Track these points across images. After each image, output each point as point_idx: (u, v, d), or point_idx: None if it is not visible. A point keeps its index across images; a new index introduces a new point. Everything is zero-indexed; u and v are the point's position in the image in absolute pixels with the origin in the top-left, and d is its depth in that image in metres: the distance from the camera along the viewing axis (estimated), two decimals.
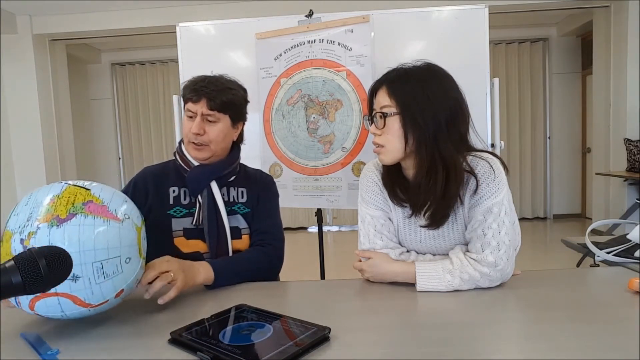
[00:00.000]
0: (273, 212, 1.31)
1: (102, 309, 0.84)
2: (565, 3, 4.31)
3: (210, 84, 1.19)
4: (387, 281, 1.04)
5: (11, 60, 4.44)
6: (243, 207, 1.26)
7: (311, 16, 2.20)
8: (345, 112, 2.13)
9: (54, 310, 0.78)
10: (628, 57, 4.20)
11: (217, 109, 1.19)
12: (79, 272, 0.76)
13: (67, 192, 0.82)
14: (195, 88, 1.19)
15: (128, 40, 5.17)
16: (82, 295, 0.78)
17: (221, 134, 1.21)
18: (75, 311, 0.79)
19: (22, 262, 0.73)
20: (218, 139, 1.21)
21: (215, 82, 1.21)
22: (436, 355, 0.68)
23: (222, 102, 1.19)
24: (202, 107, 1.18)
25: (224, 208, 1.22)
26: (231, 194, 1.26)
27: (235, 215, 1.25)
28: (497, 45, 5.53)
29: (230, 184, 1.27)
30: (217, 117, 1.20)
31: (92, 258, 0.77)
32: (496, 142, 2.31)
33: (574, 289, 1.00)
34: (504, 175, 1.01)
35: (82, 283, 0.77)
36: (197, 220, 1.20)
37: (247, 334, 0.76)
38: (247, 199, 1.27)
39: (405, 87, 0.99)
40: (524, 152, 5.70)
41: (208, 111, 1.18)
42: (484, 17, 2.20)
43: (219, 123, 1.21)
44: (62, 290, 0.76)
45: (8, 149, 4.50)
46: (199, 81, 1.20)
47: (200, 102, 1.18)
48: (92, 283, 0.78)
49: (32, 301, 0.77)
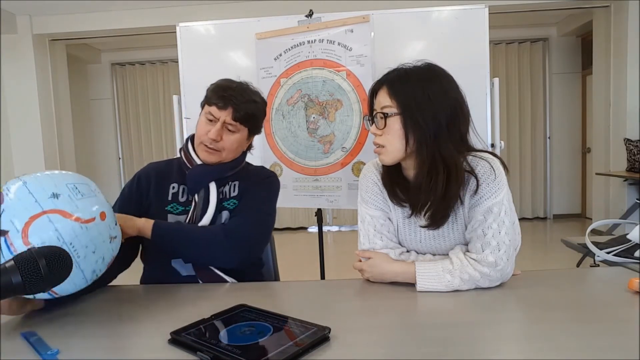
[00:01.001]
0: (257, 201, 1.22)
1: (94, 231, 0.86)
2: (565, 3, 4.31)
3: (238, 94, 1.18)
4: (387, 281, 1.04)
5: (11, 60, 4.44)
6: (233, 202, 1.23)
7: (311, 16, 2.21)
8: (345, 112, 2.13)
9: (47, 229, 0.80)
10: (628, 57, 4.20)
11: (240, 120, 1.19)
12: (57, 190, 0.85)
13: None
14: (223, 95, 1.18)
15: (128, 40, 5.17)
16: (68, 208, 0.84)
17: (236, 143, 1.22)
18: (67, 227, 0.82)
19: (22, 262, 0.73)
20: (232, 148, 1.21)
21: (242, 92, 1.20)
22: (436, 355, 0.68)
23: (246, 114, 1.19)
24: (226, 116, 1.18)
25: (213, 208, 1.20)
26: (224, 189, 1.25)
27: (222, 211, 1.22)
28: (497, 45, 5.53)
29: (226, 179, 1.26)
30: (237, 127, 1.20)
31: (64, 181, 0.88)
32: (496, 142, 2.31)
33: (574, 289, 1.00)
34: (504, 175, 1.01)
35: (64, 198, 0.85)
36: (191, 219, 1.20)
37: (247, 334, 0.76)
38: (238, 192, 1.24)
39: (406, 88, 0.99)
40: (524, 152, 5.70)
41: (231, 121, 1.18)
42: (484, 17, 2.20)
43: (237, 133, 1.21)
44: (48, 207, 0.82)
45: (8, 149, 4.50)
46: (227, 88, 1.19)
47: (226, 111, 1.18)
48: (72, 199, 0.86)
49: (23, 231, 0.80)
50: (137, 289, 1.12)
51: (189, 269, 1.18)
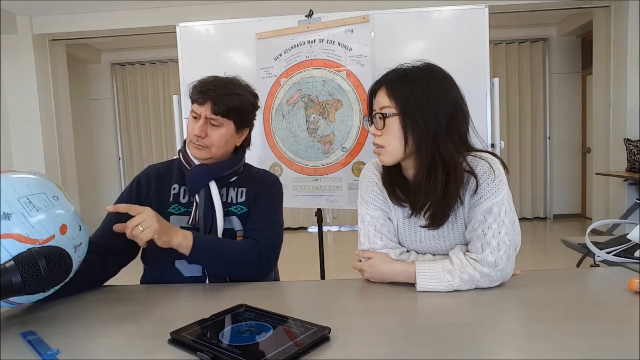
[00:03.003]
0: (271, 211, 1.25)
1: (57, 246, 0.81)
2: (565, 3, 4.31)
3: (217, 88, 1.17)
4: (387, 281, 1.04)
5: (11, 60, 4.44)
6: (241, 208, 1.24)
7: (311, 16, 2.21)
8: (345, 112, 2.13)
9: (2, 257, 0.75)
10: (628, 57, 4.21)
11: (221, 114, 1.18)
12: (8, 208, 0.78)
13: None
14: (202, 90, 1.17)
15: (128, 40, 5.17)
16: (22, 230, 0.77)
17: (223, 138, 1.20)
18: (23, 249, 0.77)
19: (22, 262, 0.73)
20: (220, 144, 1.20)
21: (223, 85, 1.19)
22: (436, 355, 0.68)
23: (227, 107, 1.18)
24: (206, 111, 1.17)
25: (221, 209, 1.20)
26: (230, 194, 1.25)
27: (231, 216, 1.23)
28: (497, 45, 5.53)
29: (231, 184, 1.26)
30: (220, 121, 1.19)
31: (16, 195, 0.79)
32: (496, 142, 2.31)
33: (574, 289, 1.00)
34: (504, 175, 1.01)
35: (17, 219, 0.78)
36: (193, 220, 1.20)
37: (247, 334, 0.76)
38: (245, 197, 1.25)
39: (405, 88, 0.99)
40: (524, 152, 5.70)
41: (212, 115, 1.17)
42: (484, 17, 2.20)
43: (221, 128, 1.20)
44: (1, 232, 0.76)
45: (8, 149, 4.50)
46: (207, 83, 1.19)
47: (205, 105, 1.17)
48: (26, 217, 0.79)
49: None
50: (137, 289, 1.12)
51: (192, 270, 1.18)
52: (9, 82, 4.48)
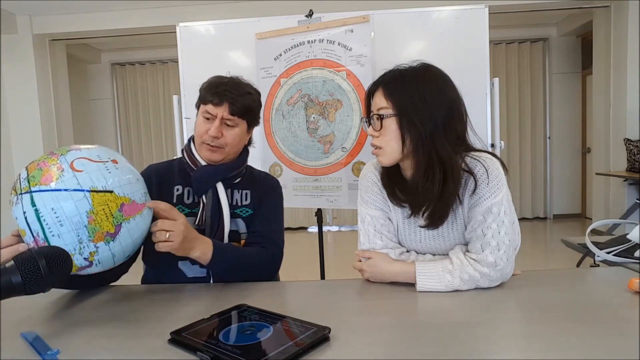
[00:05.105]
0: (275, 215, 1.29)
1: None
2: (565, 3, 4.31)
3: (232, 88, 1.18)
4: (387, 281, 1.04)
5: (11, 60, 4.44)
6: (246, 210, 1.25)
7: (311, 16, 2.21)
8: (345, 112, 2.13)
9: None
10: (628, 57, 4.20)
11: (238, 114, 1.19)
12: None
13: (96, 203, 0.84)
14: (217, 91, 1.17)
15: (128, 40, 5.17)
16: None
17: (237, 138, 1.21)
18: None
19: (22, 262, 0.73)
20: (234, 143, 1.21)
21: (236, 86, 1.20)
22: (436, 355, 0.68)
23: (244, 107, 1.19)
24: (223, 111, 1.17)
25: (228, 211, 1.20)
26: (235, 196, 1.26)
27: (237, 219, 1.24)
28: (497, 45, 5.53)
29: (235, 186, 1.26)
30: (236, 122, 1.20)
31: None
32: (496, 142, 2.31)
33: (574, 289, 1.00)
34: (503, 176, 1.01)
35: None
36: (200, 221, 1.19)
37: (247, 334, 0.76)
38: (250, 200, 1.26)
39: (402, 89, 0.99)
40: (524, 152, 5.70)
41: (229, 116, 1.18)
42: (484, 17, 2.20)
43: (236, 128, 1.20)
44: None
45: (8, 149, 4.50)
46: (220, 84, 1.19)
47: (222, 106, 1.17)
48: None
49: None
50: (137, 289, 1.12)
51: (196, 271, 1.18)
52: (9, 82, 4.48)
